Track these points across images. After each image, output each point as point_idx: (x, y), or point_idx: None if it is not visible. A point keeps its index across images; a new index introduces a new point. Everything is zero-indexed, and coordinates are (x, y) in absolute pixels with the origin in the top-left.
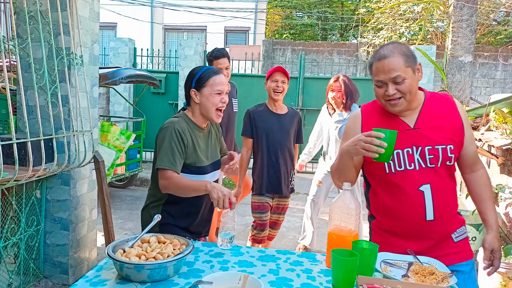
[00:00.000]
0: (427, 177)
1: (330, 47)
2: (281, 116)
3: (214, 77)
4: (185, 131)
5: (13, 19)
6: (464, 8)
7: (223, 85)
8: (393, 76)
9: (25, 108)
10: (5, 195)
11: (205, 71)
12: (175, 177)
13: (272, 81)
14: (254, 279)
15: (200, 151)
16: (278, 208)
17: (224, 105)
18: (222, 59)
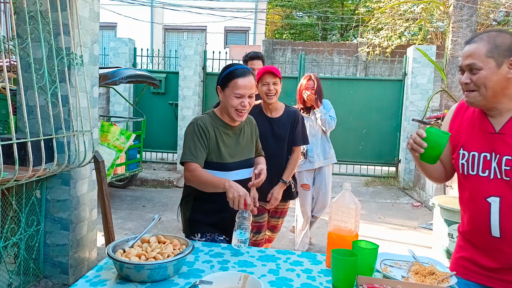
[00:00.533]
0: (499, 189)
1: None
2: (274, 120)
3: (237, 79)
4: (207, 126)
5: (13, 19)
6: (464, 8)
7: (246, 89)
8: (467, 63)
9: (25, 108)
10: (5, 195)
11: (232, 71)
12: (197, 170)
13: (263, 84)
14: (254, 279)
15: (224, 148)
16: (276, 212)
17: (244, 109)
18: (256, 61)
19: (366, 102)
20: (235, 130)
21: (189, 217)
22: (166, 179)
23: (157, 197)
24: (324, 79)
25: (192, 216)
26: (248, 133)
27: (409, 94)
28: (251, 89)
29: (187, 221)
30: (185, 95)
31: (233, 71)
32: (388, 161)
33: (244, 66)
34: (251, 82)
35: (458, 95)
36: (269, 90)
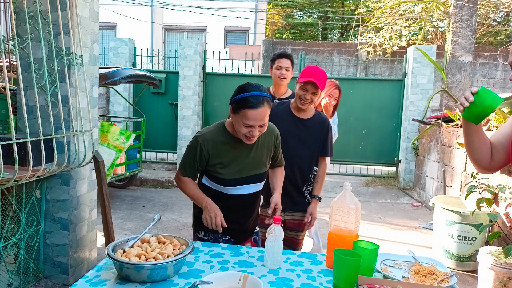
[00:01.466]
0: None
1: (330, 47)
2: (302, 121)
3: (247, 110)
4: (209, 145)
5: (13, 19)
6: (464, 8)
7: (255, 120)
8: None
9: (25, 108)
10: (5, 195)
11: (244, 97)
12: (185, 182)
13: (301, 88)
14: (254, 279)
15: (228, 164)
16: (294, 223)
17: (252, 136)
18: (284, 60)
19: (366, 102)
20: (246, 144)
21: (196, 213)
22: (166, 179)
23: (157, 197)
24: None
25: (199, 214)
26: (264, 146)
27: (409, 94)
28: (262, 120)
29: (194, 217)
30: (185, 95)
31: (245, 98)
32: (388, 161)
33: (258, 93)
34: (262, 113)
35: (458, 95)
36: (305, 99)
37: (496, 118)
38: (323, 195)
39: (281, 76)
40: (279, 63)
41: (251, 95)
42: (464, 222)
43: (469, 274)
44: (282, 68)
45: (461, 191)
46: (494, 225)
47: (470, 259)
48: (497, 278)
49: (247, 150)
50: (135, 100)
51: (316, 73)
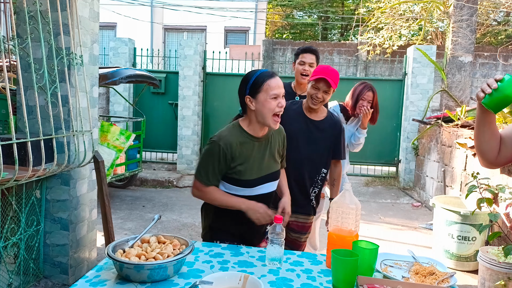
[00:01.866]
0: None
1: (330, 47)
2: (314, 123)
3: (269, 80)
4: (231, 147)
5: (13, 19)
6: (464, 8)
7: (279, 88)
8: None
9: (25, 108)
10: (5, 195)
11: (259, 75)
12: (212, 191)
13: (313, 87)
14: (254, 279)
15: (249, 164)
16: (298, 225)
17: (281, 110)
18: (309, 55)
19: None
20: (262, 141)
21: (210, 224)
22: (166, 179)
23: (157, 197)
24: None
25: (213, 224)
26: (275, 143)
27: (409, 94)
28: (283, 88)
29: (208, 227)
30: (185, 95)
31: (260, 75)
32: (388, 161)
33: (266, 69)
34: (280, 81)
35: (458, 95)
36: (317, 98)
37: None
38: None
39: (304, 72)
40: (302, 58)
41: (262, 71)
42: (464, 222)
43: (469, 274)
44: (305, 63)
45: (461, 191)
46: (494, 225)
47: (470, 259)
48: (497, 278)
49: (262, 147)
50: (135, 100)
51: (328, 71)
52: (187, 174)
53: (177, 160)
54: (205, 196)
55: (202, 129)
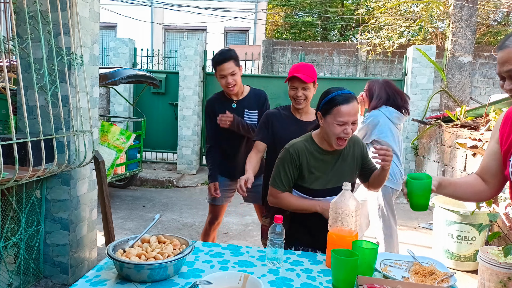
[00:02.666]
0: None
1: (330, 47)
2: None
3: (340, 107)
4: (300, 154)
5: (13, 19)
6: (464, 8)
7: (349, 116)
8: (507, 69)
9: (25, 108)
10: (5, 195)
11: (333, 97)
12: (287, 196)
13: (291, 88)
14: (254, 279)
15: (315, 175)
16: None
17: (346, 136)
18: (226, 64)
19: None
20: (334, 155)
21: (287, 229)
22: (166, 179)
23: (157, 197)
24: (324, 79)
25: (289, 232)
26: (351, 155)
27: (409, 94)
28: (355, 116)
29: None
30: (185, 95)
31: (335, 97)
32: None
33: (346, 91)
34: (354, 108)
35: (458, 95)
36: (298, 96)
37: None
38: None
39: (229, 85)
40: (221, 72)
41: (340, 93)
42: (464, 222)
43: (469, 274)
44: (226, 76)
45: None
46: (494, 225)
47: (470, 259)
48: (497, 278)
49: (334, 160)
50: (135, 100)
51: (300, 68)
52: (187, 174)
53: (177, 160)
54: (281, 202)
55: (202, 129)
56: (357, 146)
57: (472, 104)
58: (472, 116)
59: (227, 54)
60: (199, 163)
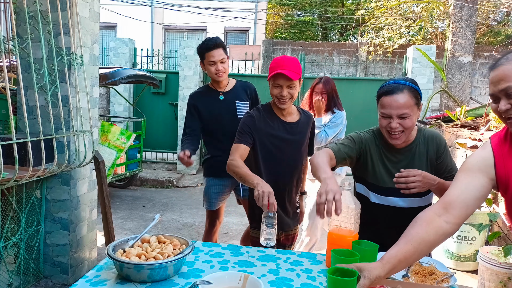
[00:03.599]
0: None
1: (330, 47)
2: (291, 125)
3: (383, 97)
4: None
5: (13, 19)
6: (464, 8)
7: (390, 108)
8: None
9: (25, 108)
10: (5, 195)
11: (382, 86)
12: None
13: (274, 86)
14: (254, 279)
15: (379, 169)
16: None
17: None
18: (216, 51)
19: (366, 102)
20: (405, 153)
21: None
22: (166, 179)
23: (157, 197)
24: None
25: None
26: (423, 155)
27: None
28: (399, 109)
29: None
30: (185, 95)
31: (382, 87)
32: None
33: (397, 81)
34: (399, 100)
35: (458, 95)
36: (282, 96)
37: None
38: None
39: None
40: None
41: (389, 83)
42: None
43: (469, 274)
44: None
45: None
46: (494, 225)
47: (470, 259)
48: (497, 278)
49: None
50: (135, 100)
51: (284, 62)
52: (187, 174)
53: (177, 160)
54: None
55: None
56: (431, 144)
57: (472, 104)
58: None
59: (217, 40)
60: (199, 163)
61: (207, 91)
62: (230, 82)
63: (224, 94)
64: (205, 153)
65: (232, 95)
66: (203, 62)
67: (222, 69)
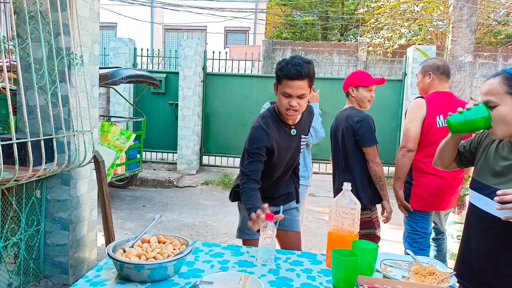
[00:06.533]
0: None
1: (330, 47)
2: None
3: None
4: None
5: (13, 19)
6: (464, 8)
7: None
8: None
9: (25, 108)
10: (5, 195)
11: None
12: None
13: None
14: (254, 279)
15: (488, 166)
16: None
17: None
18: (298, 83)
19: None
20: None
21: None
22: (166, 179)
23: (157, 197)
24: (324, 79)
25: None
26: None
27: (409, 94)
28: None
29: None
30: (185, 95)
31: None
32: (388, 161)
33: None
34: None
35: (457, 95)
36: (291, 106)
37: None
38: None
39: (290, 109)
40: (287, 89)
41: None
42: (463, 222)
43: None
44: (292, 97)
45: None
46: None
47: None
48: None
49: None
50: (135, 100)
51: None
52: (187, 174)
53: (177, 160)
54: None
55: (202, 129)
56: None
57: None
58: None
59: (304, 68)
60: (199, 163)
61: (279, 124)
62: None
63: (295, 128)
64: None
65: (300, 129)
66: (277, 85)
67: (296, 106)
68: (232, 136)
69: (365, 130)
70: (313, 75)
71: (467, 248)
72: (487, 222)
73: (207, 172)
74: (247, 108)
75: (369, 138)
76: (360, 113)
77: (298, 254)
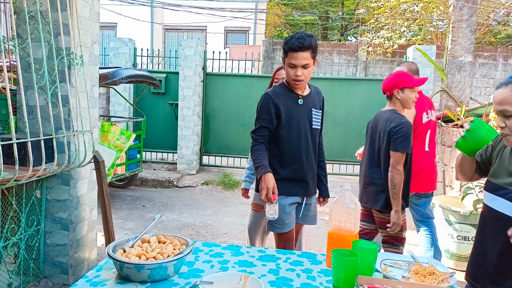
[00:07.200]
0: None
1: (330, 47)
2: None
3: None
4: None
5: (13, 19)
6: (464, 8)
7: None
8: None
9: (25, 108)
10: (5, 195)
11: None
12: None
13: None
14: (254, 279)
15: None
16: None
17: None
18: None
19: (366, 102)
20: None
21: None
22: (166, 179)
23: (157, 197)
24: (324, 79)
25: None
26: None
27: None
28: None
29: None
30: (185, 95)
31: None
32: None
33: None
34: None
35: (458, 95)
36: (297, 76)
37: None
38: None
39: (296, 78)
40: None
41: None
42: (463, 222)
43: None
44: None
45: (460, 191)
46: None
47: None
48: None
49: None
50: (135, 100)
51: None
52: (187, 174)
53: (177, 160)
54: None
55: (202, 129)
56: None
57: (472, 104)
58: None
59: (306, 41)
60: (199, 163)
61: (286, 90)
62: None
63: (303, 98)
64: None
65: (309, 101)
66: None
67: (301, 75)
68: (232, 136)
69: (401, 136)
70: (316, 47)
71: (481, 248)
72: (501, 222)
73: (207, 172)
74: (247, 108)
75: (401, 144)
76: (401, 118)
77: (298, 254)
